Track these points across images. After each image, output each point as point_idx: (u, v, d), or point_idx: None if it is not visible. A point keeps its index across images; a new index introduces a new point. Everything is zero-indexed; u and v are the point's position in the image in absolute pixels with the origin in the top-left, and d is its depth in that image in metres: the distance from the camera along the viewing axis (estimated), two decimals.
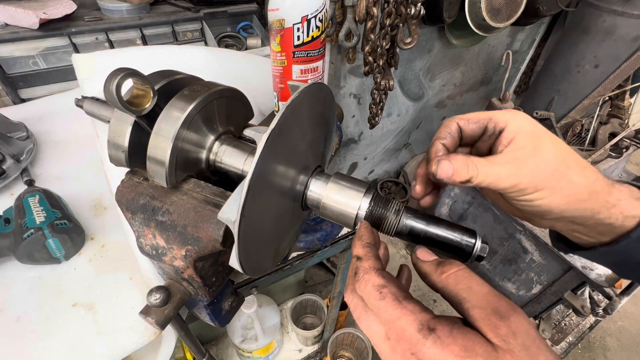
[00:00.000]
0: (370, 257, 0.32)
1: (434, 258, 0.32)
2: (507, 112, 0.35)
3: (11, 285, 0.67)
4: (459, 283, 0.27)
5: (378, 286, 0.28)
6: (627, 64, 1.38)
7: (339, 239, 0.80)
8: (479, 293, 0.26)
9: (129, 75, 0.35)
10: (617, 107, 1.54)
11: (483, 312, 0.25)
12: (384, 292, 0.28)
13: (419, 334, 0.25)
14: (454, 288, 0.27)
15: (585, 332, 1.68)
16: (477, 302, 0.25)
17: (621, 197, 0.34)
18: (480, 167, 0.33)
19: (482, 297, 0.25)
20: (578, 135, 1.48)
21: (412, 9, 1.00)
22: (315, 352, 1.51)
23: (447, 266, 0.29)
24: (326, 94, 0.40)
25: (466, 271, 0.28)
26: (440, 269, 0.29)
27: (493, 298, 0.25)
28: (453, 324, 0.25)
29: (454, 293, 0.27)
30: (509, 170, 0.33)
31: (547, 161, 0.33)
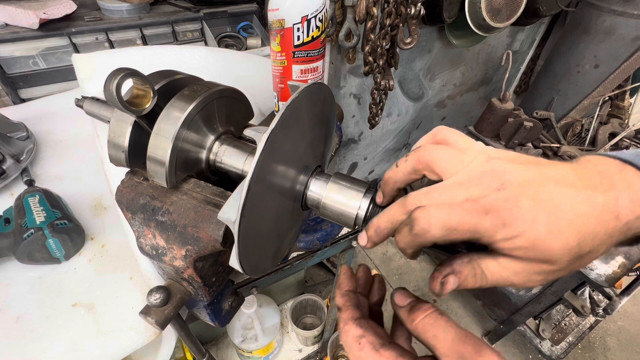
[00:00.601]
0: (348, 307, 0.33)
1: (408, 302, 0.31)
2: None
3: (11, 285, 0.67)
4: (426, 332, 0.27)
5: (356, 337, 0.30)
6: (627, 64, 1.38)
7: (339, 239, 0.80)
8: (444, 340, 0.26)
9: (129, 75, 0.35)
10: (617, 107, 1.54)
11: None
12: (362, 342, 0.29)
13: None
14: (424, 337, 0.28)
15: (585, 332, 1.68)
16: (444, 351, 0.26)
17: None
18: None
19: (448, 343, 0.26)
20: (578, 135, 1.48)
21: (412, 9, 1.00)
22: (315, 352, 1.51)
23: (415, 313, 0.29)
24: (326, 94, 0.40)
25: (432, 317, 0.28)
26: (410, 316, 0.29)
27: (458, 344, 0.25)
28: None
29: (425, 341, 0.28)
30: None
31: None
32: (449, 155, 0.29)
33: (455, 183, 0.28)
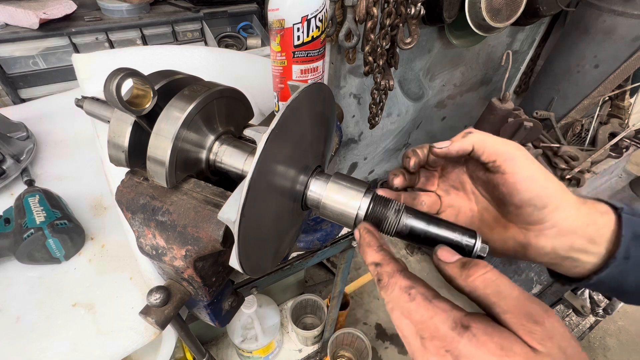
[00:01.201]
0: (389, 260, 0.31)
1: (456, 258, 0.30)
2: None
3: (11, 285, 0.67)
4: (487, 287, 0.26)
5: (406, 287, 0.28)
6: (627, 64, 1.38)
7: (339, 239, 0.80)
8: (510, 297, 0.25)
9: (129, 75, 0.35)
10: (617, 107, 1.54)
11: (515, 317, 0.24)
12: (412, 293, 0.27)
13: (453, 331, 0.24)
14: (482, 292, 0.26)
15: (585, 332, 1.68)
16: (509, 307, 0.24)
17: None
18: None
19: (513, 301, 0.24)
20: (578, 135, 1.48)
21: (412, 9, 1.00)
22: (315, 352, 1.51)
23: (472, 269, 0.27)
24: (326, 94, 0.40)
25: (494, 273, 0.26)
26: (465, 272, 0.27)
27: (525, 302, 0.24)
28: (487, 322, 0.24)
29: (482, 297, 0.26)
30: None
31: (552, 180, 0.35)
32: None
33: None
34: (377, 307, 1.94)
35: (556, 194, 0.35)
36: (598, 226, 0.35)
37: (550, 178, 0.35)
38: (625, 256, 0.33)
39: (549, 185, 0.35)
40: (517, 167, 0.35)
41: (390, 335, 1.83)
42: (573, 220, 0.35)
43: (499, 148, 0.35)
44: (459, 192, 0.43)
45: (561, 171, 1.30)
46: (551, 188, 0.35)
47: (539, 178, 0.35)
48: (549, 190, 0.35)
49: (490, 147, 0.35)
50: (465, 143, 0.36)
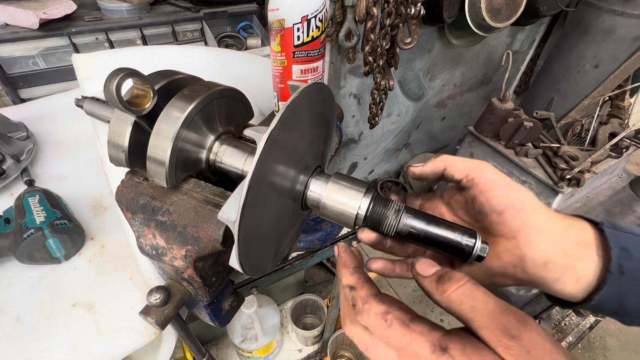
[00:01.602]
0: (364, 284, 0.30)
1: (433, 271, 0.29)
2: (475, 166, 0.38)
3: (11, 285, 0.67)
4: (462, 302, 0.25)
5: (382, 314, 0.27)
6: (627, 64, 1.38)
7: (339, 239, 0.80)
8: (484, 312, 0.24)
9: (129, 75, 0.35)
10: (617, 107, 1.53)
11: (492, 333, 0.23)
12: (389, 318, 0.27)
13: (432, 355, 0.24)
14: (458, 308, 0.25)
15: (585, 332, 1.68)
16: (484, 323, 0.24)
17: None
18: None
19: (489, 315, 0.24)
20: (578, 135, 1.48)
21: (412, 9, 1.00)
22: (315, 352, 1.51)
23: (447, 283, 0.26)
24: (326, 94, 0.40)
25: (467, 287, 0.26)
26: (440, 286, 0.27)
27: (500, 315, 0.23)
28: (465, 341, 0.24)
29: (458, 313, 0.25)
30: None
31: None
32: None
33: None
34: None
35: (530, 198, 0.36)
36: (583, 234, 0.35)
37: (519, 185, 0.37)
38: (620, 271, 0.33)
39: (521, 189, 0.36)
40: (488, 175, 0.37)
41: None
42: (555, 223, 0.35)
43: (468, 164, 0.38)
44: None
45: (561, 171, 1.30)
46: (524, 191, 0.36)
47: (510, 183, 0.37)
48: (523, 193, 0.36)
49: (460, 165, 0.38)
50: (438, 162, 0.39)
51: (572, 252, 0.35)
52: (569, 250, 0.35)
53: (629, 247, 0.33)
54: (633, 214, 1.47)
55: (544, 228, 0.35)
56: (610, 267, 0.33)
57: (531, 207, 0.35)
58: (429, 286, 0.28)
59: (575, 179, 1.28)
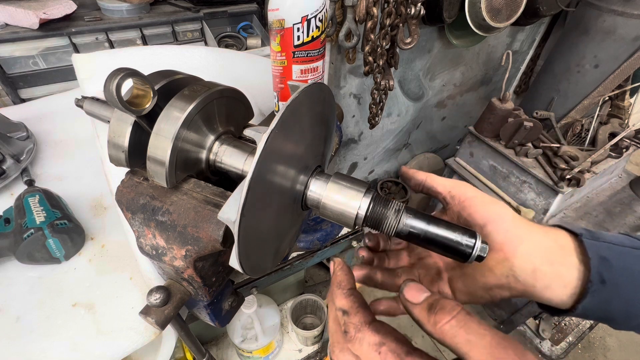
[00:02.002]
0: (358, 309, 0.28)
1: (424, 297, 0.27)
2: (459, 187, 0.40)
3: (11, 285, 0.67)
4: (456, 335, 0.24)
5: (375, 345, 0.25)
6: (627, 64, 1.38)
7: (339, 239, 0.80)
8: (480, 346, 0.23)
9: (129, 75, 0.35)
10: (617, 107, 1.53)
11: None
12: (383, 350, 0.25)
13: None
14: (452, 341, 0.24)
15: (585, 332, 1.68)
16: (481, 358, 0.22)
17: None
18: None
19: (484, 350, 0.22)
20: (578, 135, 1.48)
21: (412, 9, 1.00)
22: (315, 352, 1.51)
23: (439, 314, 0.25)
24: (326, 94, 0.40)
25: (461, 319, 0.24)
26: (432, 317, 0.25)
27: (497, 350, 0.22)
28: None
29: (453, 347, 0.24)
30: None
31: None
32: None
33: None
34: None
35: (508, 210, 0.38)
36: (561, 240, 0.36)
37: (497, 200, 0.39)
38: (601, 280, 0.33)
39: (498, 203, 0.38)
40: (468, 192, 0.39)
41: None
42: (535, 232, 0.37)
43: (450, 182, 0.41)
44: (427, 258, 0.45)
45: (561, 171, 1.30)
46: (502, 205, 0.38)
47: (488, 198, 0.39)
48: (500, 206, 0.38)
49: (442, 181, 0.41)
50: (421, 174, 0.42)
51: (555, 259, 0.35)
52: (553, 256, 0.35)
53: (608, 257, 0.33)
54: (633, 214, 1.47)
55: (526, 237, 0.36)
56: (591, 277, 0.33)
57: (510, 218, 0.37)
58: (420, 315, 0.26)
59: (575, 179, 1.28)
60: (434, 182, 0.42)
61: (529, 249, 0.36)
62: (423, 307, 0.26)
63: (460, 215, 0.39)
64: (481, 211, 0.38)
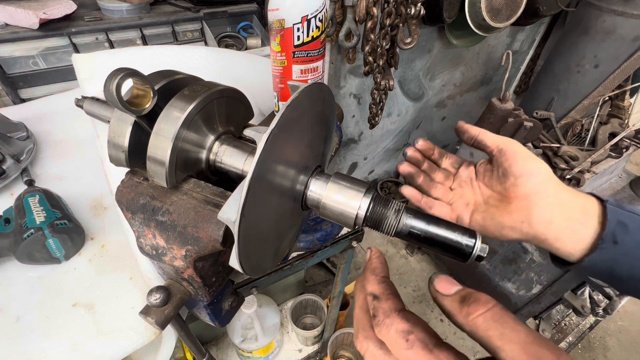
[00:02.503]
0: (389, 296, 0.28)
1: (455, 290, 0.27)
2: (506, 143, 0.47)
3: (11, 285, 0.67)
4: (489, 328, 0.23)
5: (403, 332, 0.25)
6: (627, 64, 1.38)
7: (339, 239, 0.80)
8: (514, 341, 0.22)
9: (129, 75, 0.35)
10: (617, 107, 1.53)
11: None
12: (411, 339, 0.24)
13: None
14: (485, 334, 0.23)
15: (585, 332, 1.68)
16: (514, 354, 0.21)
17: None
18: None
19: (519, 346, 0.22)
20: (578, 135, 1.48)
21: (412, 9, 1.00)
22: (315, 352, 1.51)
23: (472, 305, 0.24)
24: (326, 94, 0.40)
25: (496, 312, 0.24)
26: (465, 309, 0.25)
27: (533, 347, 0.21)
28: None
29: (485, 340, 0.23)
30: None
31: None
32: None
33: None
34: None
35: (545, 168, 0.44)
36: (587, 204, 0.42)
37: (538, 158, 0.45)
38: (614, 240, 0.37)
39: (538, 160, 0.44)
40: (514, 147, 0.45)
41: None
42: (563, 192, 0.42)
43: (499, 138, 0.48)
44: (466, 187, 0.52)
45: (561, 171, 1.30)
46: (541, 163, 0.44)
47: (531, 155, 0.45)
48: (539, 163, 0.44)
49: (492, 136, 0.48)
50: (473, 129, 0.50)
51: (574, 217, 0.41)
52: (572, 215, 0.41)
53: (627, 223, 0.38)
54: None
55: (552, 194, 0.42)
56: (604, 235, 0.38)
57: (544, 175, 0.43)
58: (451, 306, 0.26)
59: (575, 179, 1.28)
60: (485, 137, 0.48)
61: (551, 203, 0.41)
62: (455, 299, 0.26)
63: (500, 165, 0.46)
64: (521, 164, 0.44)
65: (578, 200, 0.42)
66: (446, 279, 0.28)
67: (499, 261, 1.60)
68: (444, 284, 0.27)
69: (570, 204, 0.41)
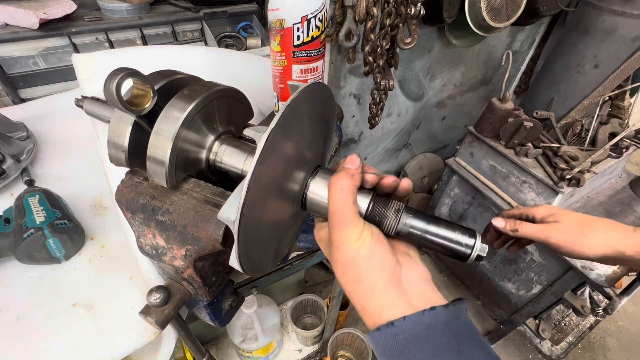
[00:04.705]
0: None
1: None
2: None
3: (11, 285, 0.67)
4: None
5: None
6: (627, 64, 1.38)
7: None
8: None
9: (129, 75, 0.35)
10: (617, 107, 1.53)
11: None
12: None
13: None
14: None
15: (585, 332, 1.68)
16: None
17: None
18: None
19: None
20: (578, 135, 1.48)
21: (412, 9, 1.00)
22: (315, 352, 1.51)
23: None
24: (326, 94, 0.40)
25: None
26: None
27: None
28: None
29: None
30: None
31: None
32: None
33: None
34: None
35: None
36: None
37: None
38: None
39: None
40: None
41: None
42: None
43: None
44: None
45: (561, 171, 1.30)
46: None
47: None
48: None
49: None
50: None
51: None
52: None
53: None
54: (633, 214, 1.47)
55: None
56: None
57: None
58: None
59: (575, 179, 1.28)
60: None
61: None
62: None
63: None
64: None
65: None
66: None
67: (499, 261, 1.60)
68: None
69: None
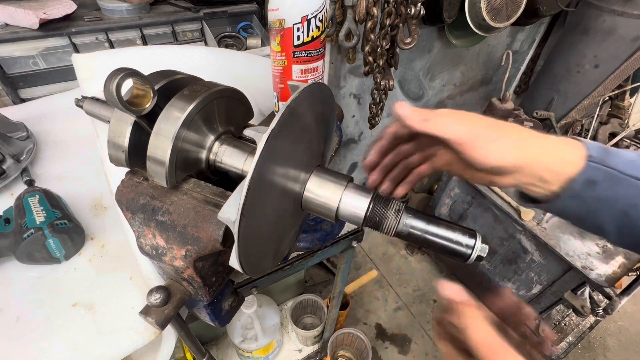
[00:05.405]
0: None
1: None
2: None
3: (11, 285, 0.67)
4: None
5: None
6: (627, 64, 1.38)
7: (339, 239, 0.80)
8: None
9: (129, 75, 0.35)
10: (617, 107, 1.53)
11: None
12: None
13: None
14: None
15: (585, 332, 1.68)
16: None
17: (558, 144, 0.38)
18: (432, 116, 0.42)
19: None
20: (578, 135, 1.48)
21: (412, 9, 1.00)
22: (315, 352, 1.51)
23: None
24: (326, 94, 0.40)
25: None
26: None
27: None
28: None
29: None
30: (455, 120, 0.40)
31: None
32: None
33: None
34: (377, 307, 1.94)
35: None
36: (570, 157, 0.38)
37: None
38: (573, 194, 0.36)
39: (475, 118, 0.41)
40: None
41: (390, 336, 1.83)
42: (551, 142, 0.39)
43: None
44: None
45: None
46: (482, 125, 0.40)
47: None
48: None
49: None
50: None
51: (555, 169, 0.39)
52: (555, 167, 0.38)
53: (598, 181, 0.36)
54: None
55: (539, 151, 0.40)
56: (576, 178, 0.36)
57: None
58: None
59: None
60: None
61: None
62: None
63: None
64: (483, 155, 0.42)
65: (560, 150, 0.39)
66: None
67: (499, 261, 1.60)
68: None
69: (552, 157, 0.38)
